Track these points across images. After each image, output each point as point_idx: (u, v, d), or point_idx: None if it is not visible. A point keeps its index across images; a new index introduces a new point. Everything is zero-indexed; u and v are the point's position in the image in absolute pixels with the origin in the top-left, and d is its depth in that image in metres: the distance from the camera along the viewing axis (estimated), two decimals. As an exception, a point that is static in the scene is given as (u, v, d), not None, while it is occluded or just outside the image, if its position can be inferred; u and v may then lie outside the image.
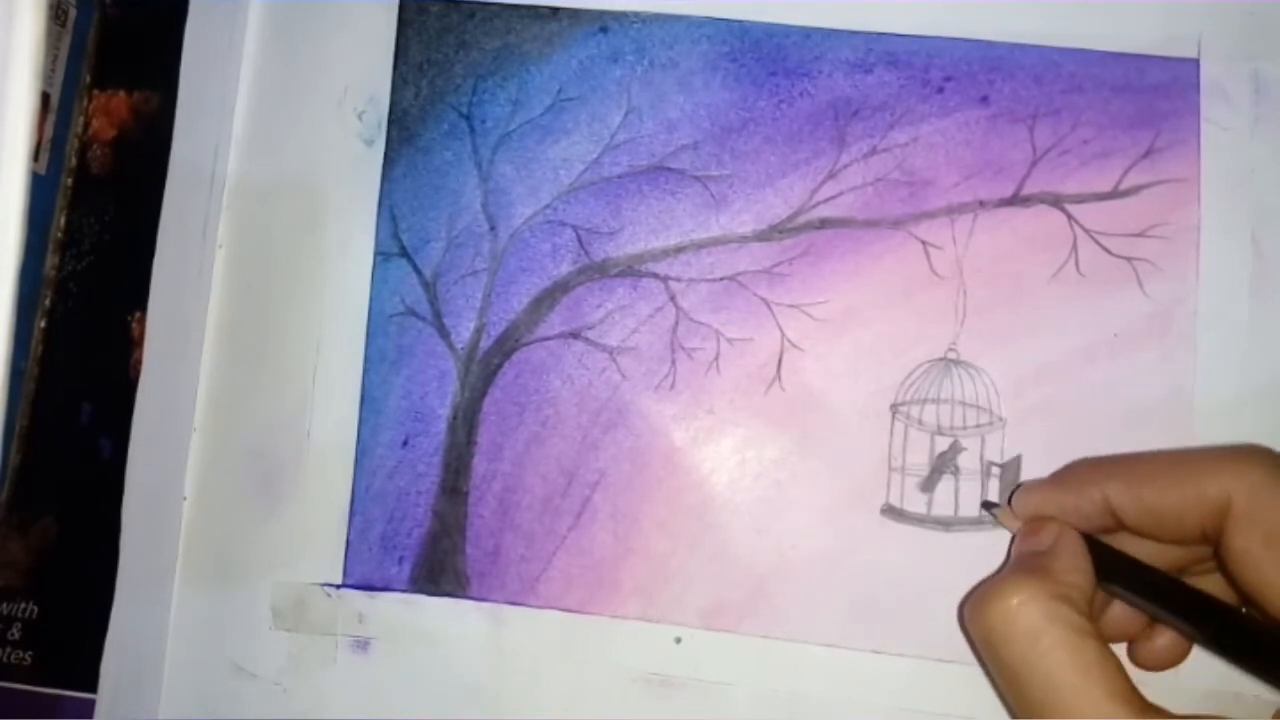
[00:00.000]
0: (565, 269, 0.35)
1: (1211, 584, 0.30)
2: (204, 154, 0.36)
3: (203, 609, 0.36)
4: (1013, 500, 0.32)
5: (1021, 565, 0.29)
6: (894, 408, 0.34)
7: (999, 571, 0.33)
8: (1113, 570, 0.30)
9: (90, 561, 0.36)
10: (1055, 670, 0.26)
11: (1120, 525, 0.30)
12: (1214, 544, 0.29)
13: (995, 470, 0.33)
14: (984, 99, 0.35)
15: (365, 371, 0.36)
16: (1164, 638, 0.31)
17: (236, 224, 0.37)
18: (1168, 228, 0.34)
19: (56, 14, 0.37)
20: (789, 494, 0.34)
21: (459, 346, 0.36)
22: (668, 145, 0.35)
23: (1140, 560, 0.30)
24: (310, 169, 0.37)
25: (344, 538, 0.35)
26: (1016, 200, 0.34)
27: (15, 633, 0.36)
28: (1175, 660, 0.31)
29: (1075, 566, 0.29)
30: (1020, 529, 0.31)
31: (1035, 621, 0.27)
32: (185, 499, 0.36)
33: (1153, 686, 0.32)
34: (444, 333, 0.36)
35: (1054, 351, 0.34)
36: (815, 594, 0.34)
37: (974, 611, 0.28)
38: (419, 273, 0.36)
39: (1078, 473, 0.31)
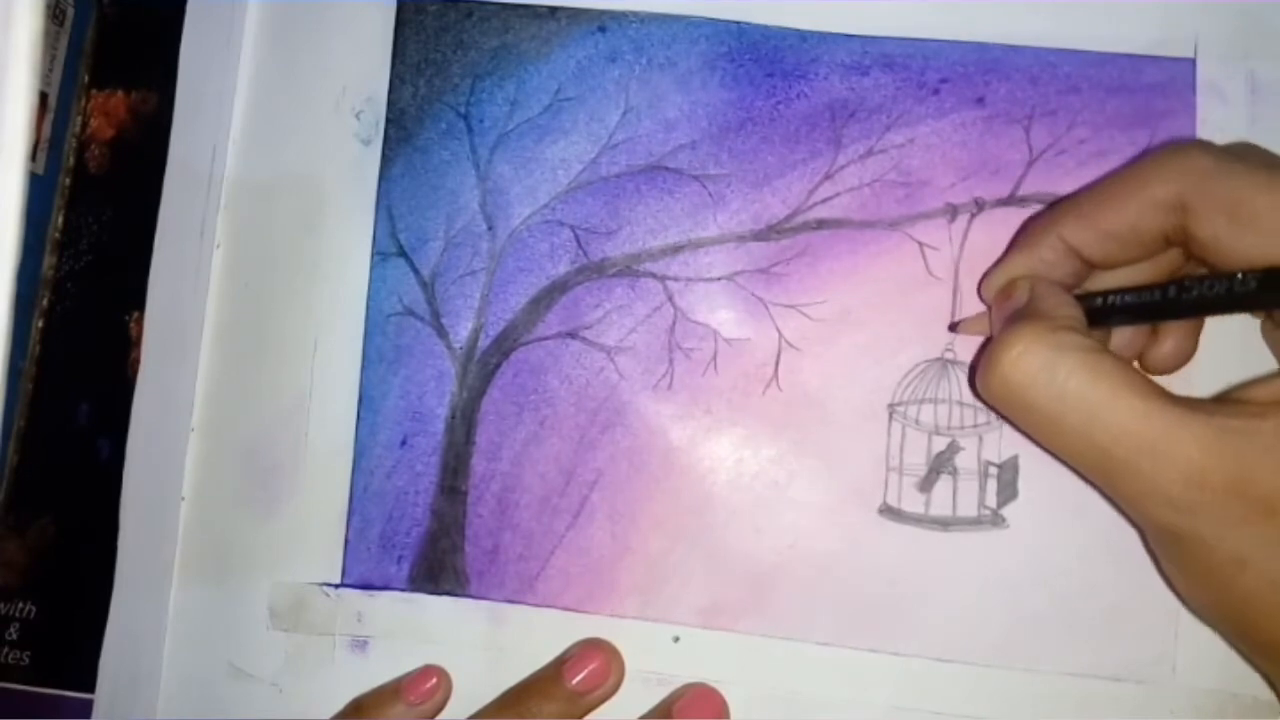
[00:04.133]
0: (563, 269, 0.35)
1: None
2: (202, 154, 0.37)
3: (201, 609, 0.36)
4: (980, 288, 0.32)
5: (1009, 323, 0.29)
6: (891, 408, 0.34)
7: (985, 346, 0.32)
8: (1098, 311, 0.30)
9: (88, 561, 0.36)
10: (1083, 391, 0.27)
11: (1086, 268, 0.30)
12: (1180, 243, 0.29)
13: (993, 470, 0.33)
14: (980, 100, 0.35)
15: (363, 371, 0.36)
16: (1169, 340, 0.31)
17: (234, 224, 0.37)
18: (1164, 227, 0.34)
19: (54, 13, 0.37)
20: (786, 493, 0.34)
21: (457, 346, 0.36)
22: (665, 145, 0.35)
23: (1116, 288, 0.30)
24: (308, 169, 0.37)
25: (342, 537, 0.35)
26: (1013, 201, 0.34)
27: (13, 633, 0.36)
28: (1187, 356, 0.31)
29: (1061, 301, 0.29)
30: (991, 309, 0.31)
31: (1045, 357, 0.27)
32: (183, 499, 0.36)
33: (1151, 685, 0.32)
34: (442, 332, 0.36)
35: (1051, 351, 0.34)
36: (813, 593, 0.34)
37: (985, 379, 0.28)
38: (417, 272, 0.36)
39: (1027, 230, 0.31)
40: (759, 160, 0.35)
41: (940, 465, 0.34)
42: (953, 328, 0.34)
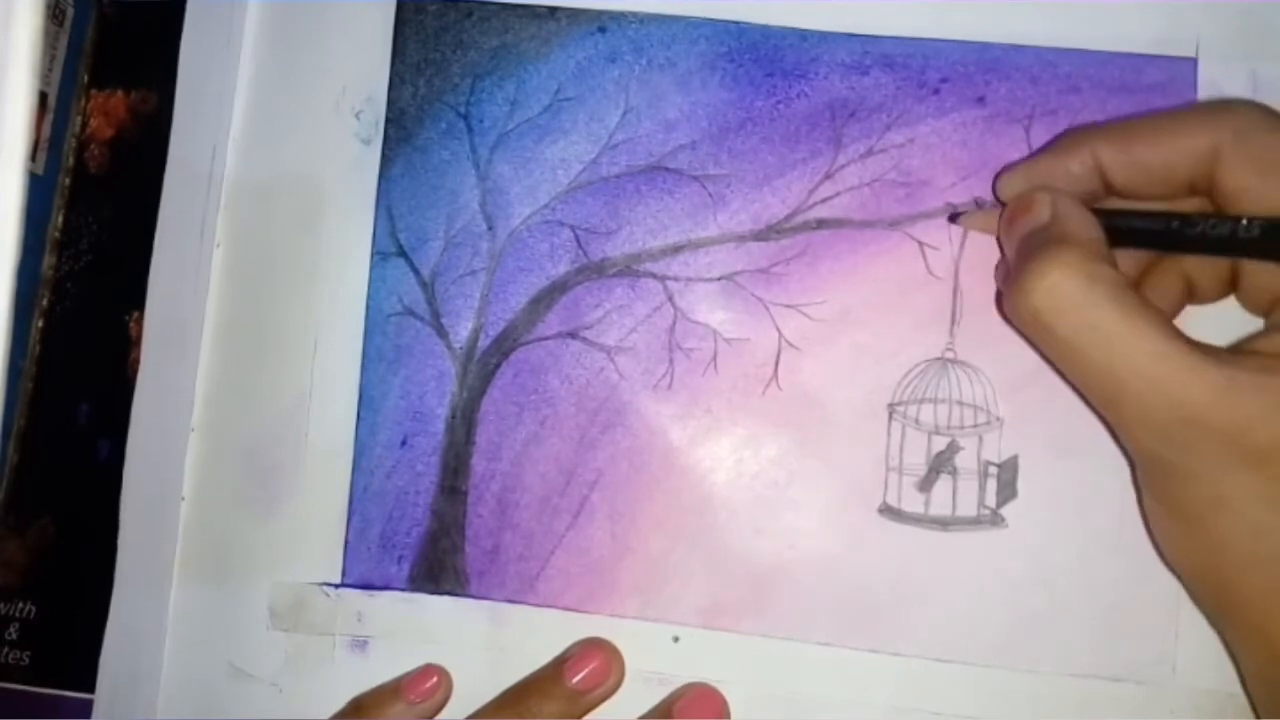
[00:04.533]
0: (563, 269, 0.35)
1: None
2: (202, 153, 0.37)
3: (201, 609, 0.36)
4: (997, 185, 0.32)
5: (1037, 242, 0.29)
6: (891, 407, 0.34)
7: (1000, 266, 0.33)
8: (1116, 229, 0.30)
9: (88, 561, 0.36)
10: (1111, 327, 0.27)
11: (1105, 191, 0.31)
12: (1205, 193, 0.29)
13: (993, 470, 0.33)
14: (980, 100, 0.35)
15: (363, 371, 0.36)
16: (1165, 281, 0.32)
17: (234, 223, 0.37)
18: (1165, 227, 0.34)
19: (54, 13, 0.37)
20: (786, 494, 0.34)
21: (457, 346, 0.36)
22: (665, 145, 0.35)
23: (1123, 209, 0.31)
24: (308, 168, 0.37)
25: (342, 537, 0.35)
26: (1014, 200, 0.34)
27: (13, 633, 0.36)
28: (1181, 303, 0.32)
29: (1088, 224, 0.29)
30: (1005, 214, 0.31)
31: (1079, 288, 0.27)
32: (183, 499, 0.36)
33: (1151, 685, 0.32)
34: (442, 332, 0.36)
35: (1051, 351, 0.34)
36: (813, 593, 0.34)
37: (1016, 300, 0.29)
38: (417, 272, 0.36)
39: (1063, 140, 0.32)
40: (759, 160, 0.35)
41: (940, 465, 0.34)
42: (953, 219, 0.34)
